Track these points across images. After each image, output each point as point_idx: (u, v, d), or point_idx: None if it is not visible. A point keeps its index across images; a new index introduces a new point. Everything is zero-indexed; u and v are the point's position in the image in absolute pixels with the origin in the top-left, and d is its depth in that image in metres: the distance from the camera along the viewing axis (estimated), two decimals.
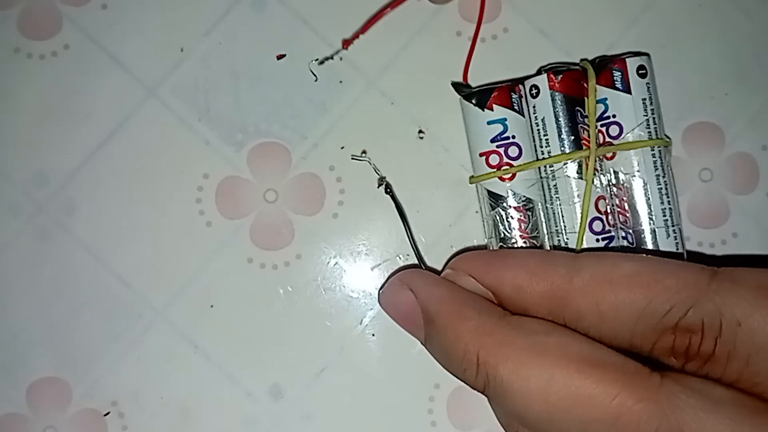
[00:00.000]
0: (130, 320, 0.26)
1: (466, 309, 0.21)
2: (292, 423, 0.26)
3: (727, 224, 0.27)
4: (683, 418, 0.17)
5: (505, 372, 0.19)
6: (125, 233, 0.26)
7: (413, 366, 0.26)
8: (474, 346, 0.20)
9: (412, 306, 0.22)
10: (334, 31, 0.27)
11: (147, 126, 0.26)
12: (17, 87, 0.26)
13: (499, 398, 0.20)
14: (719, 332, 0.18)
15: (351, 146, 0.27)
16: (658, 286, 0.19)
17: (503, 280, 0.21)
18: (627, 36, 0.27)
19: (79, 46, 0.26)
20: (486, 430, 0.26)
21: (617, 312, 0.19)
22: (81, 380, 0.26)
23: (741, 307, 0.18)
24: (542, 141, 0.24)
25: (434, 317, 0.21)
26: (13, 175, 0.26)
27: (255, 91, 0.27)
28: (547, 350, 0.19)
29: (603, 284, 0.20)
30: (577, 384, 0.18)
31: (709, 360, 0.18)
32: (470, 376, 0.20)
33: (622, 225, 0.25)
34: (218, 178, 0.27)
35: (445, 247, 0.27)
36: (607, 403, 0.18)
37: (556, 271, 0.20)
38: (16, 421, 0.26)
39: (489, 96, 0.24)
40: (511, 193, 0.24)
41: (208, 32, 0.27)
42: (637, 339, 0.19)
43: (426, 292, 0.22)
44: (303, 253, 0.27)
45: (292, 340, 0.26)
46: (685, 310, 0.18)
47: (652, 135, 0.24)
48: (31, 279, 0.26)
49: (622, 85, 0.24)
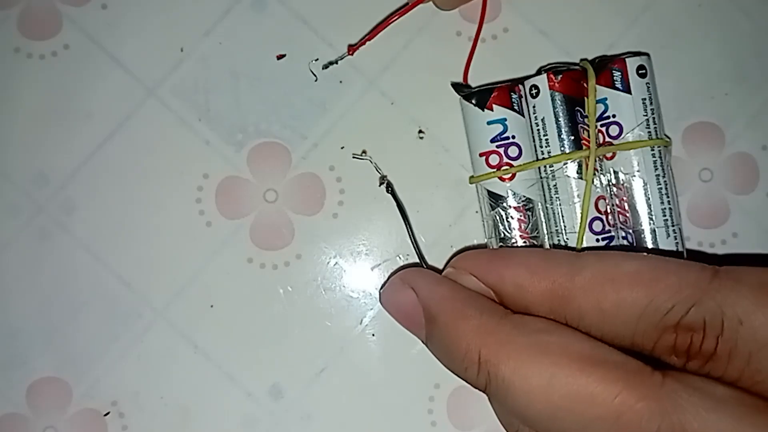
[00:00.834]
0: (130, 320, 0.26)
1: (467, 308, 0.21)
2: (292, 423, 0.26)
3: (727, 224, 0.27)
4: (685, 417, 0.17)
5: (507, 371, 0.19)
6: (125, 233, 0.26)
7: (413, 366, 0.26)
8: (475, 344, 0.20)
9: (413, 305, 0.22)
10: (334, 31, 0.27)
11: (147, 126, 0.26)
12: (17, 87, 0.26)
13: (501, 397, 0.20)
14: (721, 330, 0.18)
15: (351, 146, 0.27)
16: (660, 284, 0.19)
17: (504, 278, 0.21)
18: (627, 36, 0.27)
19: (79, 46, 0.26)
20: (486, 430, 0.26)
21: (619, 310, 0.19)
22: (81, 380, 0.26)
23: (742, 305, 0.18)
24: (542, 141, 0.24)
25: (435, 316, 0.21)
26: (13, 175, 0.26)
27: (255, 91, 0.27)
28: (548, 349, 0.19)
29: (605, 283, 0.20)
30: (578, 383, 0.18)
31: (711, 359, 0.18)
32: (471, 374, 0.20)
33: (622, 225, 0.25)
34: (218, 178, 0.27)
35: (445, 247, 0.27)
36: (609, 401, 0.18)
37: (557, 270, 0.20)
38: (16, 421, 0.26)
39: (489, 96, 0.24)
40: (511, 193, 0.24)
41: (208, 32, 0.27)
42: (638, 338, 0.19)
43: (427, 290, 0.22)
44: (303, 253, 0.27)
45: (292, 340, 0.26)
46: (687, 309, 0.18)
47: (652, 135, 0.24)
48: (31, 279, 0.26)
49: (622, 85, 0.24)
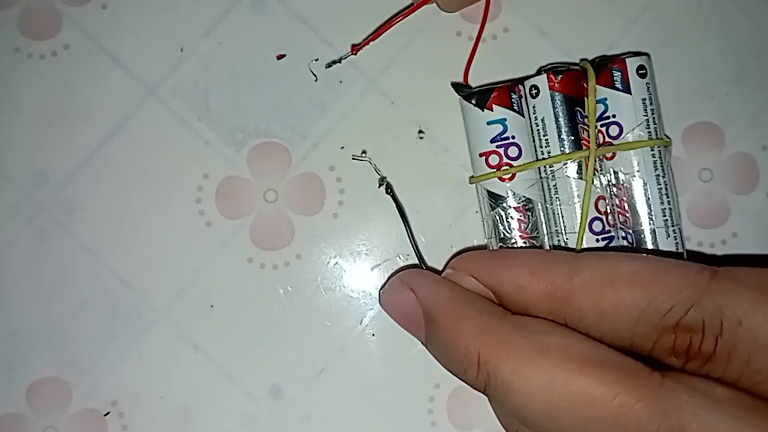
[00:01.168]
0: (130, 320, 0.26)
1: (467, 309, 0.21)
2: (292, 423, 0.26)
3: (727, 224, 0.27)
4: (684, 418, 0.17)
5: (506, 371, 0.19)
6: (125, 233, 0.26)
7: (413, 366, 0.26)
8: (475, 345, 0.20)
9: (412, 306, 0.22)
10: (334, 31, 0.27)
11: (147, 126, 0.26)
12: (17, 87, 0.26)
13: (500, 398, 0.20)
14: (720, 331, 0.18)
15: (351, 146, 0.27)
16: (659, 285, 0.19)
17: (504, 279, 0.21)
18: (627, 36, 0.27)
19: (79, 46, 0.26)
20: (486, 430, 0.26)
21: (618, 311, 0.19)
22: (81, 380, 0.26)
23: (742, 306, 0.18)
24: (542, 141, 0.24)
25: (435, 317, 0.21)
26: (13, 175, 0.26)
27: (255, 91, 0.27)
28: (548, 350, 0.19)
29: (604, 284, 0.20)
30: (578, 383, 0.18)
31: (710, 359, 0.18)
32: (471, 375, 0.20)
33: (622, 225, 0.25)
34: (218, 178, 0.27)
35: (445, 247, 0.27)
36: (608, 402, 0.18)
37: (557, 271, 0.20)
38: (16, 421, 0.26)
39: (489, 96, 0.24)
40: (511, 193, 0.24)
41: (208, 32, 0.27)
42: (637, 338, 0.19)
43: (427, 292, 0.22)
44: (303, 253, 0.27)
45: (292, 340, 0.26)
46: (686, 310, 0.18)
47: (652, 135, 0.24)
48: (31, 279, 0.26)
49: (621, 85, 0.24)
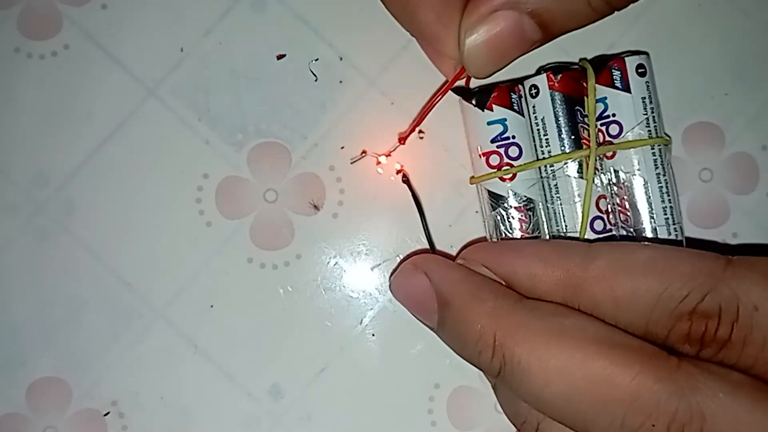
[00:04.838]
0: (130, 320, 0.26)
1: (482, 291, 0.21)
2: (292, 423, 0.26)
3: (727, 224, 0.27)
4: (703, 399, 0.17)
5: (523, 353, 0.19)
6: (125, 233, 0.26)
7: (413, 366, 0.26)
8: (490, 327, 0.20)
9: (425, 289, 0.22)
10: (334, 31, 0.27)
11: (147, 126, 0.26)
12: (17, 87, 0.26)
13: (515, 381, 0.19)
14: (736, 317, 0.18)
15: (351, 146, 0.27)
16: (675, 272, 0.19)
17: (517, 268, 0.21)
18: (627, 36, 0.27)
19: (79, 46, 0.26)
20: (486, 430, 0.26)
21: (633, 299, 0.19)
22: (81, 380, 0.26)
23: (757, 292, 0.18)
24: (542, 141, 0.24)
25: (449, 300, 0.21)
26: (13, 175, 0.26)
27: (255, 91, 0.27)
28: (565, 332, 0.19)
29: (619, 271, 0.20)
30: (596, 364, 0.18)
31: (725, 345, 0.18)
32: (485, 359, 0.20)
33: (623, 224, 0.25)
34: (218, 178, 0.27)
35: (446, 247, 0.27)
36: (627, 383, 0.18)
37: (571, 259, 0.20)
38: (16, 421, 0.26)
39: (489, 96, 0.24)
40: (512, 193, 0.24)
41: (208, 32, 0.27)
42: (652, 326, 0.19)
43: (440, 275, 0.22)
44: (303, 253, 0.27)
45: (292, 340, 0.26)
46: (702, 296, 0.18)
47: (652, 133, 0.24)
48: (31, 279, 0.26)
49: (621, 84, 0.24)
